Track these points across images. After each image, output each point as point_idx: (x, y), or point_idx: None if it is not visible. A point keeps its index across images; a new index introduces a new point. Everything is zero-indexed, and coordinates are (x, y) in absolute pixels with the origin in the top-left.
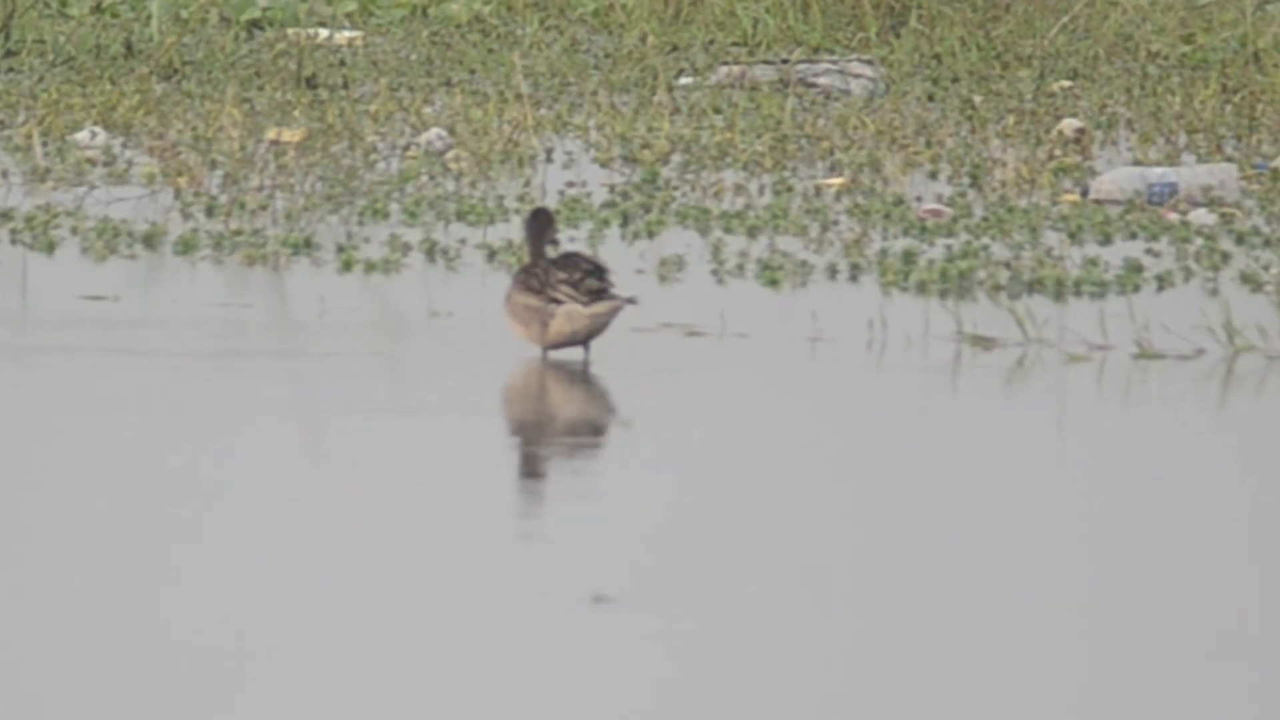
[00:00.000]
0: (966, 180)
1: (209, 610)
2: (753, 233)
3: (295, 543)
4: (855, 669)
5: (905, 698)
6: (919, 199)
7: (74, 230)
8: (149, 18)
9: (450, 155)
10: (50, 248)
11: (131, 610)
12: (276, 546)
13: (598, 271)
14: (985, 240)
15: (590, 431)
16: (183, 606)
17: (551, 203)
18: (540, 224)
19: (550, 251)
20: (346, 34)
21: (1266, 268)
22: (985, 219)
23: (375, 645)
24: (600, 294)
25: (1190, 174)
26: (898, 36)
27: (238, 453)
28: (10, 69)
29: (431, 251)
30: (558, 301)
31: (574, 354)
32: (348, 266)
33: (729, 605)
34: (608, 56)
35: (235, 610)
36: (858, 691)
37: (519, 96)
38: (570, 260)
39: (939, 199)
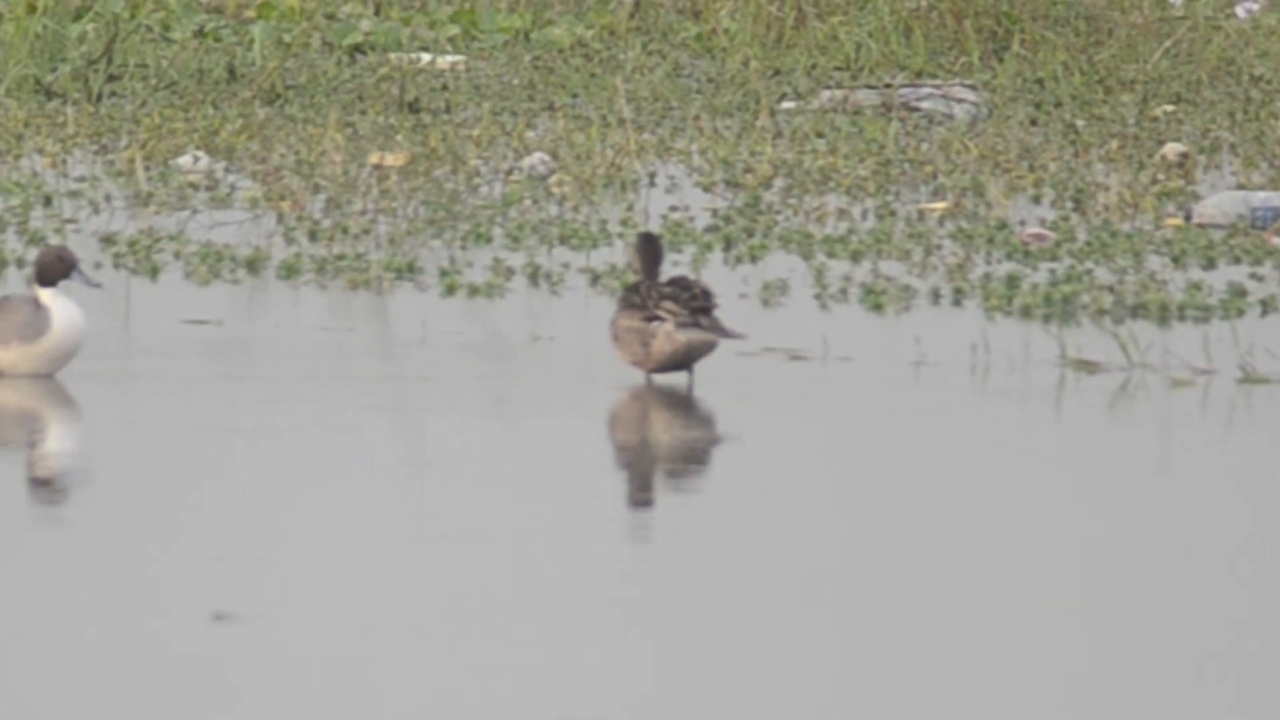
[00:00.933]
0: (1070, 204)
1: (325, 632)
2: (856, 257)
3: (401, 564)
4: (953, 696)
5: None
6: (1022, 223)
7: (177, 254)
8: (252, 42)
9: (553, 180)
10: (154, 272)
11: (248, 632)
12: (383, 569)
13: (705, 295)
14: (1089, 264)
15: (691, 455)
16: (301, 629)
17: (654, 227)
18: (653, 248)
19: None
20: (449, 58)
21: None
22: (1088, 243)
23: (501, 660)
24: (702, 312)
25: None
26: (1000, 61)
27: (340, 476)
28: (113, 93)
29: (534, 276)
30: (658, 319)
31: (678, 378)
32: (451, 291)
33: (813, 631)
34: (710, 81)
35: (349, 630)
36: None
37: (622, 121)
38: (678, 283)
39: (1042, 223)
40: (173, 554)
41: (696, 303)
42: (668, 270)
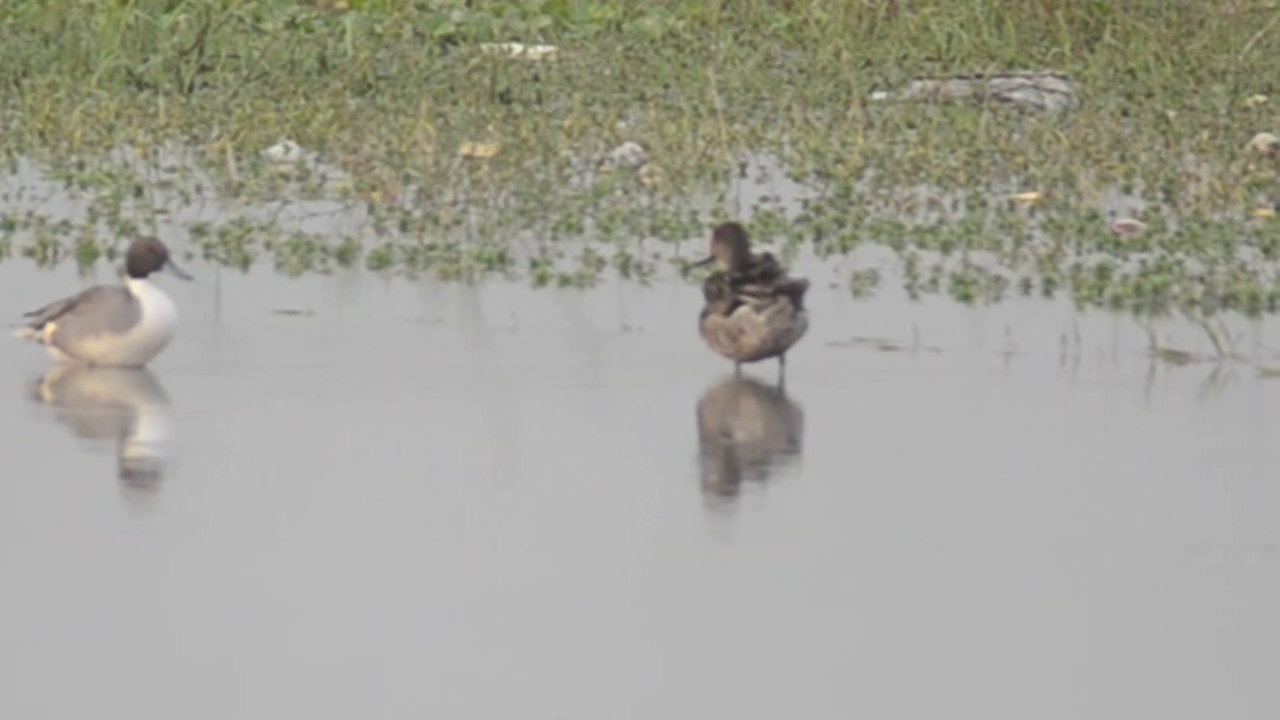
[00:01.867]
0: (1160, 195)
1: (430, 624)
2: (946, 247)
3: (486, 556)
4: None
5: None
6: (1113, 214)
7: (268, 245)
8: (343, 33)
9: (644, 170)
10: (245, 263)
11: (344, 628)
12: (468, 563)
13: (769, 261)
14: (1179, 255)
15: (778, 446)
16: (366, 622)
17: (745, 218)
18: (739, 237)
19: (703, 271)
20: (540, 49)
21: None
22: (1179, 234)
23: (588, 646)
24: (781, 292)
25: None
26: (1092, 51)
27: (430, 467)
28: (205, 84)
29: (625, 266)
30: (740, 302)
31: (770, 368)
32: (541, 281)
33: (897, 623)
34: (801, 71)
35: (441, 623)
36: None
37: (713, 111)
38: (760, 264)
39: (1133, 214)
40: (257, 546)
41: (765, 267)
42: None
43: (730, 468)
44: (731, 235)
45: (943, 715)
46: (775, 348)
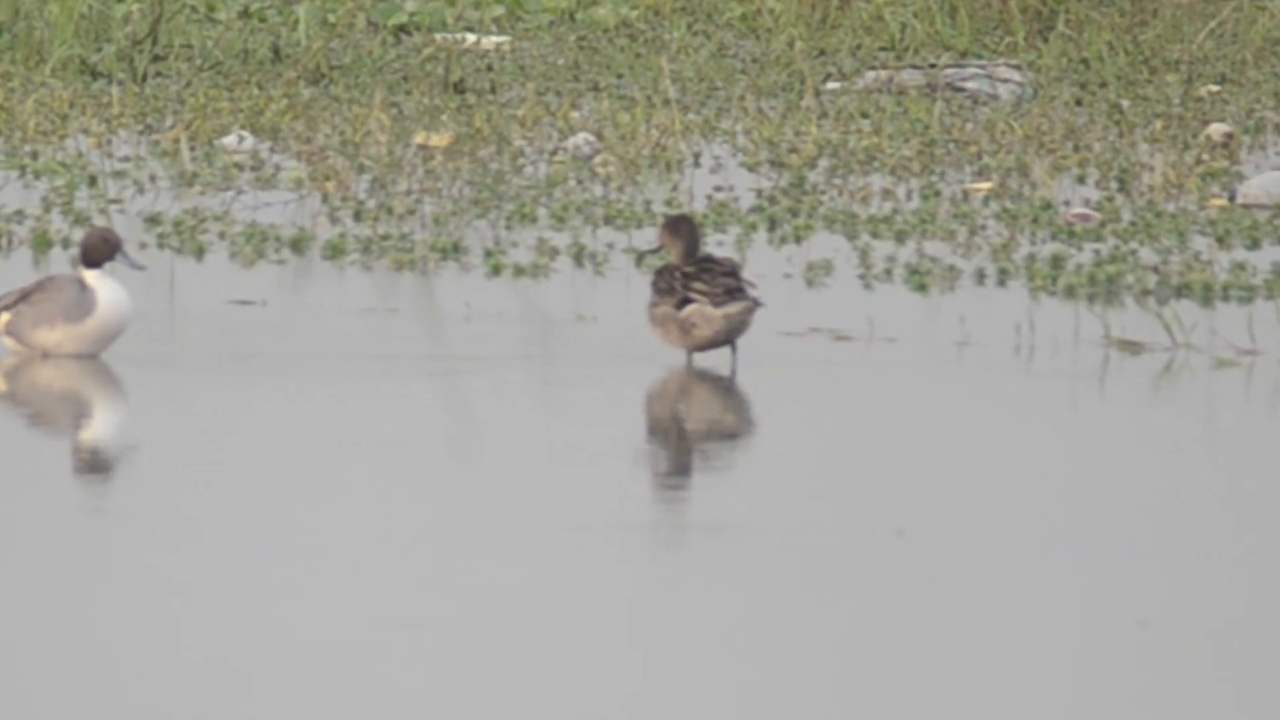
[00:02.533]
0: (1114, 185)
1: (381, 612)
2: (900, 237)
3: (443, 547)
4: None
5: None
6: (1067, 203)
7: (222, 235)
8: (296, 22)
9: (598, 160)
10: (199, 252)
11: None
12: (425, 555)
13: (733, 273)
14: (1133, 245)
15: (730, 436)
16: (327, 619)
17: (699, 207)
18: (691, 229)
19: (654, 261)
20: (494, 39)
21: None
22: (1133, 223)
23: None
24: (734, 294)
25: None
26: (1045, 41)
27: (386, 458)
28: (158, 74)
29: (579, 256)
30: (689, 300)
31: (721, 358)
32: (496, 271)
33: (861, 615)
34: (755, 61)
35: (392, 621)
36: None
37: (666, 101)
38: (706, 262)
39: (1087, 203)
40: (206, 540)
41: (727, 281)
42: (712, 251)
43: (684, 458)
44: (683, 227)
45: (913, 708)
46: (727, 339)
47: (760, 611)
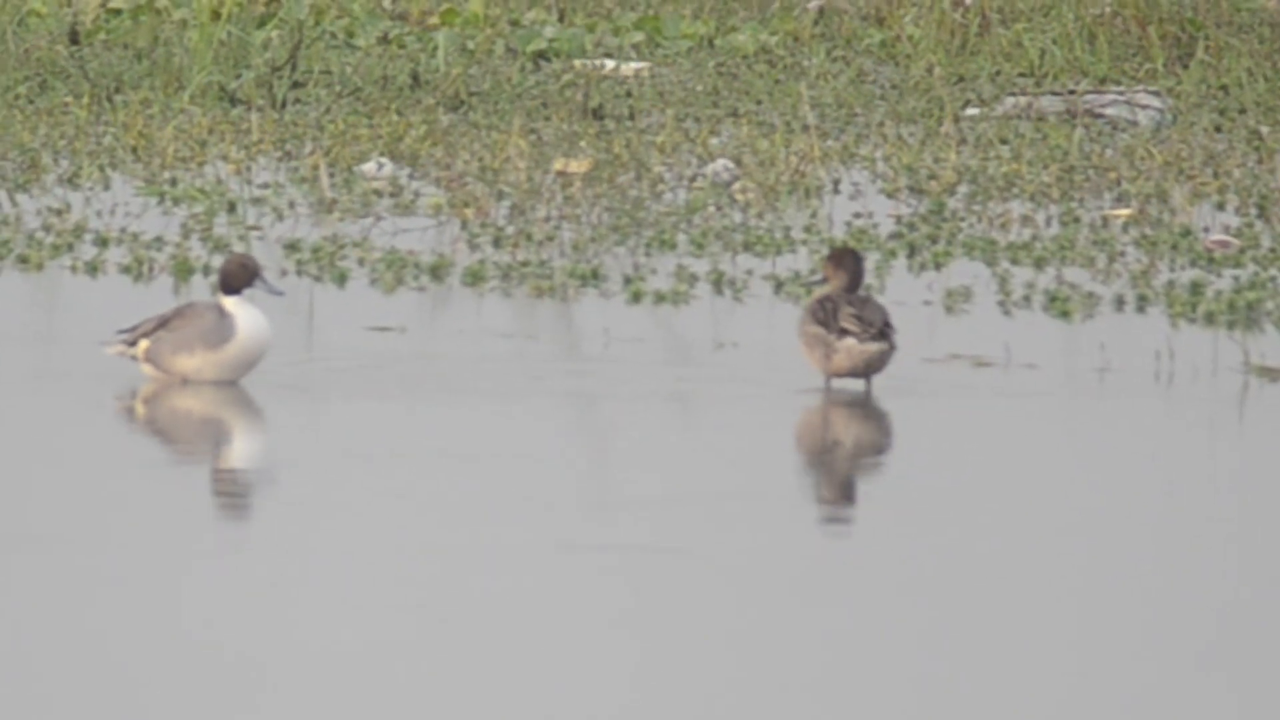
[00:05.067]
0: (1254, 211)
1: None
2: (1039, 264)
3: (581, 569)
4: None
5: None
6: (1206, 230)
7: (361, 261)
8: (435, 49)
9: (737, 186)
10: (341, 279)
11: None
12: (561, 578)
13: (885, 319)
14: (1273, 271)
15: (872, 461)
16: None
17: (838, 234)
18: (856, 263)
19: (813, 290)
20: (633, 65)
21: None
22: (1273, 249)
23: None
24: (880, 335)
25: None
26: (1185, 67)
27: (524, 484)
28: (297, 100)
29: (718, 282)
30: (844, 333)
31: (858, 383)
32: (635, 298)
33: (999, 643)
34: (894, 87)
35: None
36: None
37: (805, 127)
38: (866, 302)
39: (1226, 230)
40: (344, 566)
41: (879, 325)
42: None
43: (821, 482)
44: (848, 260)
45: None
46: (864, 373)
47: (916, 639)
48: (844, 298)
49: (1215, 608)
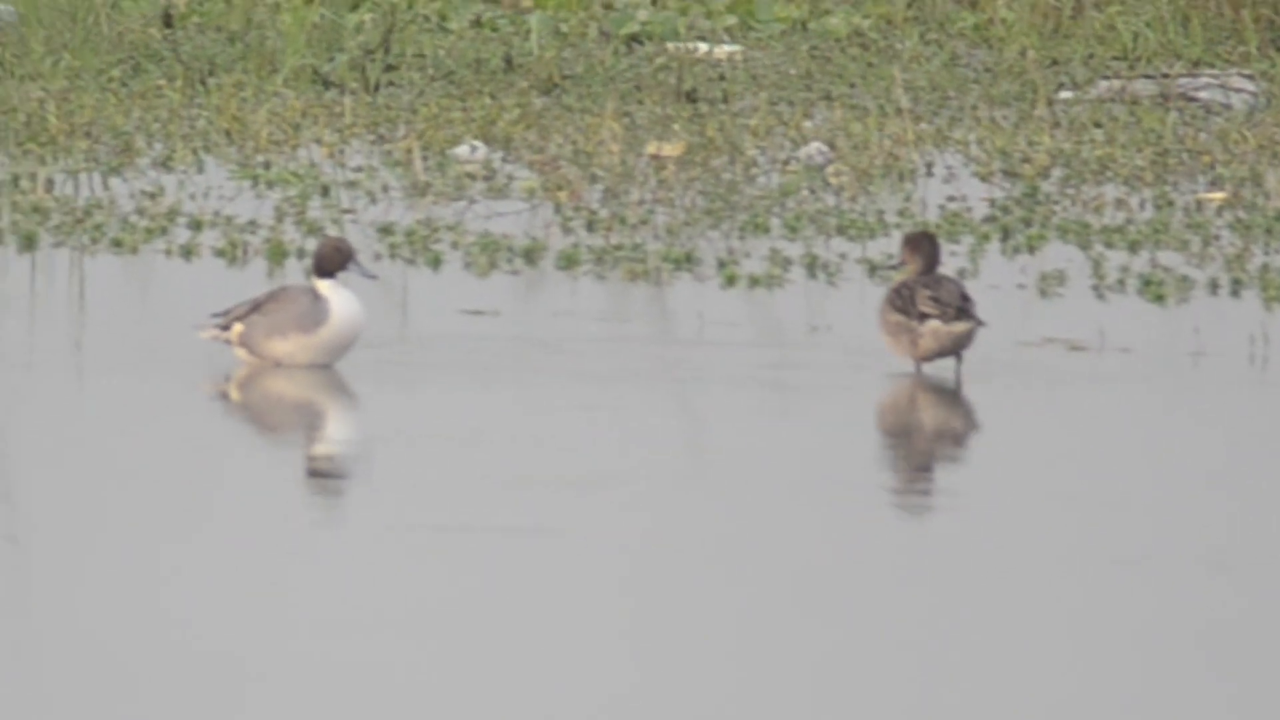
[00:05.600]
0: None
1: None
2: (1133, 247)
3: (674, 550)
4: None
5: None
6: None
7: (454, 245)
8: (529, 32)
9: (830, 169)
10: (436, 263)
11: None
12: (651, 558)
13: (963, 294)
14: None
15: (962, 444)
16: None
17: (932, 217)
18: (933, 247)
19: (892, 275)
20: (726, 48)
21: None
22: None
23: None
24: (962, 313)
25: None
26: (1278, 50)
27: (618, 467)
28: (390, 83)
29: (812, 266)
30: (924, 317)
31: (948, 366)
32: (730, 281)
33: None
34: (987, 71)
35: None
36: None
37: (899, 111)
38: (940, 282)
39: None
40: (438, 548)
41: (957, 301)
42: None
43: (913, 467)
44: (924, 244)
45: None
46: (951, 353)
47: (968, 617)
48: (919, 280)
49: None
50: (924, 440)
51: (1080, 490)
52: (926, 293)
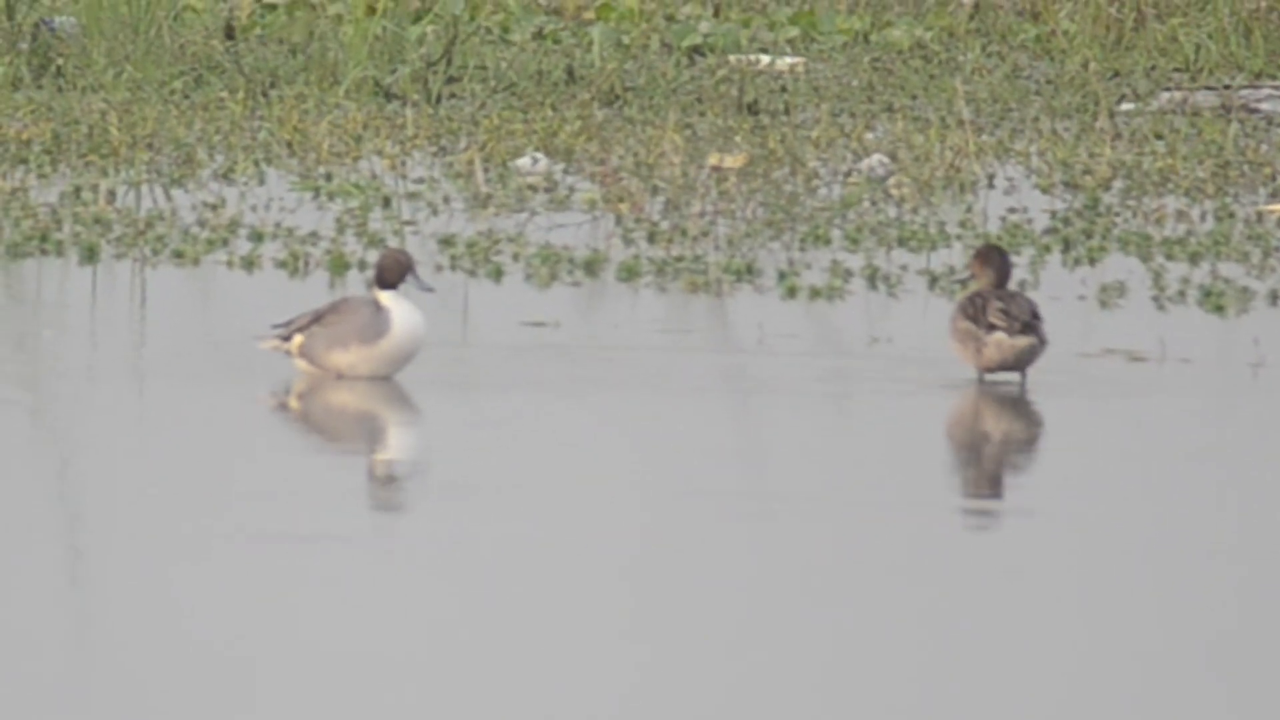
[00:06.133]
0: None
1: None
2: (1194, 259)
3: (732, 561)
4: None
5: None
6: None
7: (515, 256)
8: (590, 44)
9: (892, 181)
10: (498, 274)
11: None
12: (712, 570)
13: (1033, 311)
14: None
15: (1023, 453)
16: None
17: (993, 229)
18: (1003, 261)
19: (961, 289)
20: (788, 60)
21: None
22: None
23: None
24: (1028, 328)
25: None
26: None
27: (678, 478)
28: (452, 95)
29: (873, 278)
30: (992, 328)
31: (1011, 377)
32: (791, 293)
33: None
34: (1049, 82)
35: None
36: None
37: (961, 122)
38: (1014, 296)
39: None
40: (494, 560)
41: (1026, 318)
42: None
43: (976, 477)
44: (994, 258)
45: None
46: (1015, 367)
47: (1065, 637)
48: (993, 293)
49: None
50: (986, 450)
51: (1142, 499)
52: (998, 305)
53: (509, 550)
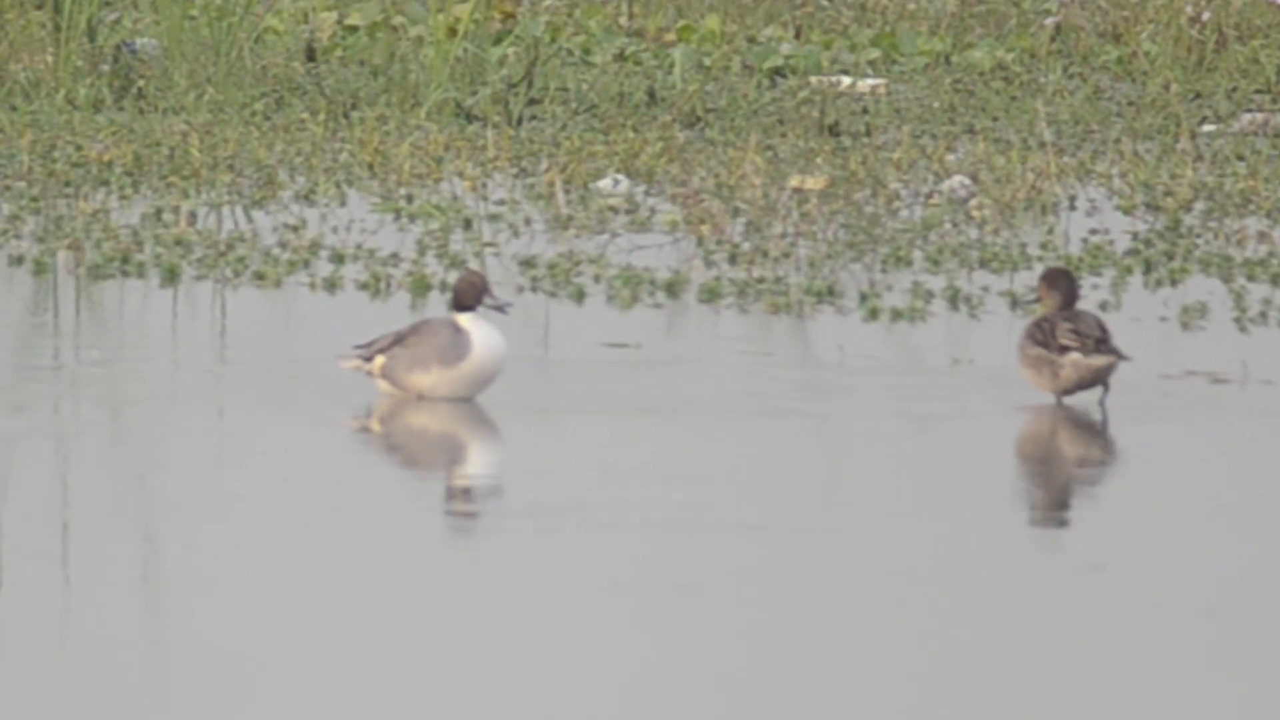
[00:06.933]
0: None
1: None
2: (1276, 280)
3: (802, 582)
4: None
5: None
6: None
7: (596, 278)
8: (672, 65)
9: (973, 203)
10: (579, 296)
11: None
12: (797, 592)
13: (1102, 328)
14: None
15: (1105, 475)
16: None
17: (1074, 251)
18: (1070, 283)
19: (1029, 311)
20: (869, 81)
21: None
22: None
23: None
24: (1101, 346)
25: None
26: None
27: (758, 501)
28: (533, 116)
29: (955, 299)
30: (1065, 349)
31: (1091, 400)
32: (872, 314)
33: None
34: (1130, 104)
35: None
36: None
37: (1042, 144)
38: (1079, 315)
39: None
40: (572, 585)
41: (1097, 335)
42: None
43: (1053, 499)
44: (1061, 281)
45: None
46: (1091, 386)
47: (1146, 661)
48: (1059, 315)
49: None
50: (1067, 471)
51: (1224, 521)
52: (1066, 325)
53: (586, 571)
